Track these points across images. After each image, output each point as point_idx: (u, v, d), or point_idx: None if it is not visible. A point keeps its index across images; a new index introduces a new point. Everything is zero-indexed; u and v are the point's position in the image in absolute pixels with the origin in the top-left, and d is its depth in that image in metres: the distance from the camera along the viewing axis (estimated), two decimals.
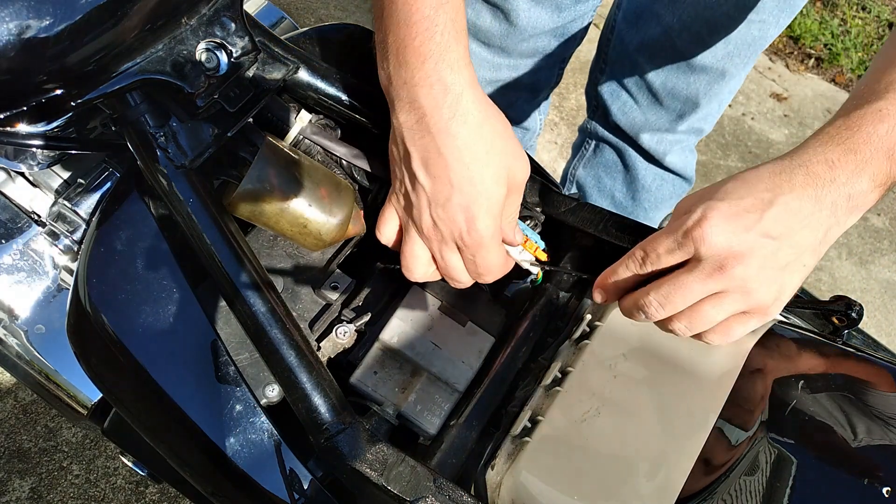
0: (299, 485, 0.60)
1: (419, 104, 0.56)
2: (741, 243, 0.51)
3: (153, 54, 0.54)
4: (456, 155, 0.56)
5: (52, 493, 1.39)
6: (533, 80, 1.30)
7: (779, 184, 0.52)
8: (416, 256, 0.63)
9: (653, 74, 1.19)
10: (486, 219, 0.58)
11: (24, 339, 0.79)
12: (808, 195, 0.52)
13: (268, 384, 0.61)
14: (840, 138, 0.52)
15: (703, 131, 1.32)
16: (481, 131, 0.57)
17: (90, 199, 0.73)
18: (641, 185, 1.37)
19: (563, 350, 0.67)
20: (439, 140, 0.56)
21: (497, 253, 0.61)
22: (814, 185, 0.52)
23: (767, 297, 0.53)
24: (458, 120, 0.56)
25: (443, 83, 0.55)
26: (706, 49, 1.10)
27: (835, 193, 0.52)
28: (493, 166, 0.57)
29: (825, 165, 0.52)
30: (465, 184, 0.57)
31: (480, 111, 0.57)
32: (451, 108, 0.56)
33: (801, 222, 0.52)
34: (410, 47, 0.55)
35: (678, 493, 0.54)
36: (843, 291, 2.06)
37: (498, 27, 1.17)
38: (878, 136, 0.51)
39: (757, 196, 0.52)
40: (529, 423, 0.61)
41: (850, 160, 0.52)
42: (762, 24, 1.07)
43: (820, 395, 0.59)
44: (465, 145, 0.56)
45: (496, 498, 0.59)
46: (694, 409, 0.58)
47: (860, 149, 0.52)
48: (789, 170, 0.53)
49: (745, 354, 0.60)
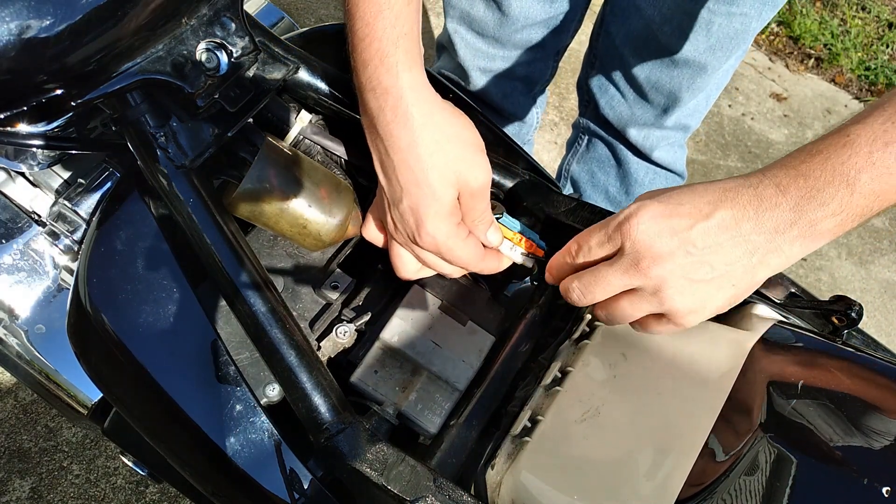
0: (299, 484, 0.60)
1: (367, 108, 0.59)
2: (662, 246, 0.52)
3: (153, 54, 0.54)
4: (400, 157, 0.58)
5: (53, 492, 1.39)
6: (527, 71, 1.31)
7: (723, 199, 0.52)
8: (399, 255, 0.65)
9: (637, 68, 1.20)
10: (435, 221, 0.59)
11: (25, 339, 0.79)
12: (749, 215, 0.51)
13: (268, 384, 0.61)
14: (797, 161, 0.51)
15: (690, 127, 1.32)
16: (423, 134, 0.57)
17: (90, 199, 0.73)
18: (634, 180, 1.38)
19: (563, 350, 0.67)
20: (386, 142, 0.58)
21: (464, 249, 0.62)
22: (756, 207, 0.51)
23: (682, 305, 0.53)
24: (398, 123, 0.57)
25: (383, 87, 0.57)
26: (688, 42, 1.11)
27: (778, 218, 0.51)
28: (437, 169, 0.58)
29: (774, 188, 0.51)
30: (411, 186, 0.58)
31: (423, 115, 0.57)
32: (392, 111, 0.57)
33: (732, 240, 0.51)
34: (356, 52, 0.58)
35: (678, 493, 0.54)
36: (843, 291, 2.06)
37: (491, 17, 1.18)
38: (837, 161, 0.49)
39: (696, 205, 0.52)
40: (529, 423, 0.61)
41: (799, 185, 0.50)
42: (744, 17, 1.07)
43: (820, 394, 0.59)
44: (408, 147, 0.57)
45: (496, 498, 0.59)
46: (694, 409, 0.58)
47: (813, 174, 0.50)
48: (739, 188, 0.52)
49: (745, 354, 0.60)
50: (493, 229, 0.65)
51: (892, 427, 0.57)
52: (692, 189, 0.54)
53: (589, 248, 0.56)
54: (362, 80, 0.58)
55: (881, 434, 0.57)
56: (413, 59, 0.57)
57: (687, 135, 1.35)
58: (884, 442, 0.56)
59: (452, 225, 0.61)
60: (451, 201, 0.60)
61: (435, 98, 0.59)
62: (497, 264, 0.67)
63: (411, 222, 0.60)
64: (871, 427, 0.57)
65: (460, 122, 0.60)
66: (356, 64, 0.58)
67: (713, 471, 0.56)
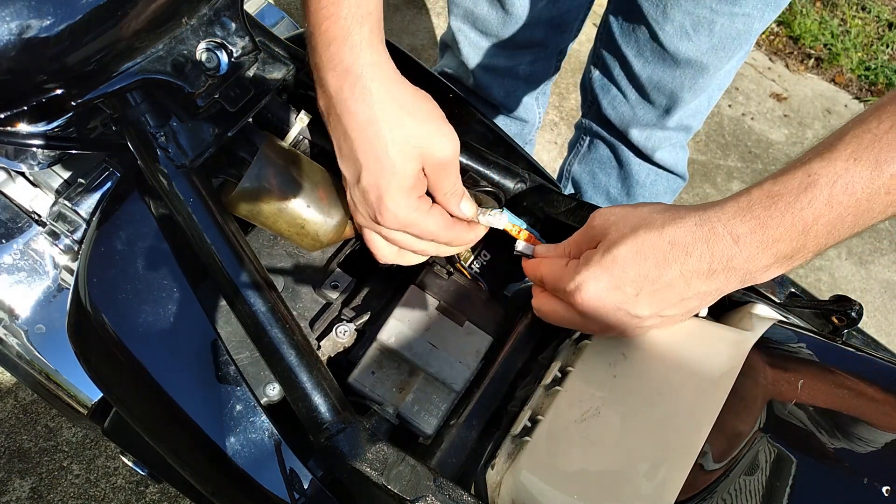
0: (299, 484, 0.60)
1: (326, 87, 0.58)
2: (608, 317, 0.57)
3: (153, 54, 0.54)
4: (359, 133, 0.58)
5: (53, 492, 1.39)
6: (530, 70, 1.31)
7: (670, 259, 0.53)
8: (371, 240, 0.65)
9: (639, 68, 1.20)
10: (396, 196, 0.59)
11: (25, 339, 0.79)
12: (701, 271, 0.53)
13: (268, 383, 0.61)
14: (757, 209, 0.50)
15: (692, 129, 1.32)
16: (383, 109, 0.57)
17: (90, 198, 0.73)
18: (635, 181, 1.38)
19: (563, 350, 0.67)
20: (344, 120, 0.58)
21: (428, 222, 0.61)
22: (709, 261, 0.52)
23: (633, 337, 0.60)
24: (356, 99, 0.57)
25: (343, 65, 0.57)
26: (690, 42, 1.11)
27: (730, 270, 0.52)
28: (398, 144, 0.58)
29: (729, 240, 0.51)
30: (370, 162, 0.58)
31: (383, 90, 0.57)
32: (350, 88, 0.57)
33: (680, 296, 0.55)
34: (318, 32, 0.57)
35: (678, 493, 0.54)
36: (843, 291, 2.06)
37: (495, 16, 1.19)
38: (797, 208, 0.49)
39: (642, 271, 0.54)
40: (529, 423, 0.61)
41: (756, 237, 0.50)
42: (746, 17, 1.07)
43: (819, 394, 0.59)
44: (368, 122, 0.57)
45: (496, 498, 0.59)
46: (693, 409, 0.58)
47: (772, 223, 0.50)
48: (689, 243, 0.52)
49: (745, 354, 0.60)
50: (465, 201, 0.65)
51: (892, 427, 0.57)
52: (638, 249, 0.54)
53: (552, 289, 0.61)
54: (323, 59, 0.57)
55: (881, 434, 0.57)
56: (375, 37, 0.58)
57: (689, 136, 1.35)
58: (884, 442, 0.56)
59: (413, 198, 0.60)
60: (412, 175, 0.59)
61: (395, 74, 0.59)
62: (471, 235, 0.66)
63: (372, 199, 0.59)
64: (871, 427, 0.57)
65: (420, 95, 0.60)
66: (316, 42, 0.58)
67: (713, 471, 0.56)
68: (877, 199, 0.48)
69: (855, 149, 0.48)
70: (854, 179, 0.48)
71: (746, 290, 0.69)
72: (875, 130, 0.48)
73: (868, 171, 0.48)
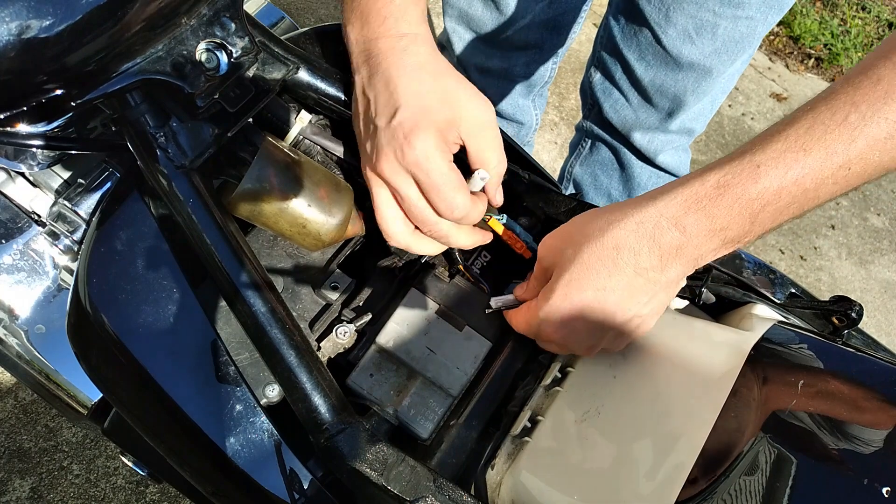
0: (299, 485, 0.60)
1: (376, 52, 0.62)
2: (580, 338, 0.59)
3: (153, 54, 0.54)
4: (405, 77, 0.60)
5: (53, 492, 1.39)
6: (526, 72, 1.30)
7: (620, 265, 0.54)
8: (383, 213, 0.64)
9: (642, 71, 1.19)
10: (427, 132, 0.59)
11: (25, 339, 0.79)
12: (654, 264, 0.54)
13: (268, 384, 0.61)
14: (705, 200, 0.51)
15: (695, 131, 1.32)
16: (429, 64, 0.61)
17: (90, 199, 0.73)
18: (637, 184, 1.38)
19: None
20: (391, 71, 0.61)
21: (449, 177, 0.60)
22: (659, 253, 0.53)
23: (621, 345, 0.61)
24: (408, 54, 0.61)
25: (399, 33, 0.61)
26: (693, 45, 1.10)
27: (681, 258, 0.53)
28: (437, 91, 0.60)
29: (676, 231, 0.52)
30: (409, 98, 0.60)
31: (430, 52, 0.62)
32: (403, 47, 0.61)
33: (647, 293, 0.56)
34: (373, 11, 0.62)
35: (678, 493, 0.54)
36: (843, 291, 2.06)
37: (489, 16, 1.18)
38: (746, 199, 0.50)
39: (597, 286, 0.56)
40: (529, 423, 0.61)
41: (704, 227, 0.51)
42: (749, 20, 1.07)
43: (819, 395, 0.59)
44: (413, 69, 0.60)
45: (496, 498, 0.59)
46: (694, 409, 0.58)
47: (720, 215, 0.50)
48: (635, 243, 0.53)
49: (745, 355, 0.60)
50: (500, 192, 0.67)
51: (892, 427, 0.57)
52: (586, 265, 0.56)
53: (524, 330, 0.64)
54: (378, 31, 0.62)
55: (881, 434, 0.57)
56: (425, 17, 0.64)
57: (691, 139, 1.35)
58: (884, 442, 0.56)
59: (440, 141, 0.60)
60: (445, 119, 0.60)
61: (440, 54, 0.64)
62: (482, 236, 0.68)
63: (400, 134, 0.59)
64: (870, 427, 0.57)
65: (459, 74, 0.64)
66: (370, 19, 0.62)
67: (713, 471, 0.56)
68: (824, 188, 0.49)
69: (806, 140, 0.48)
70: (803, 171, 0.48)
71: (746, 290, 0.69)
72: (827, 122, 0.48)
73: (818, 162, 0.48)
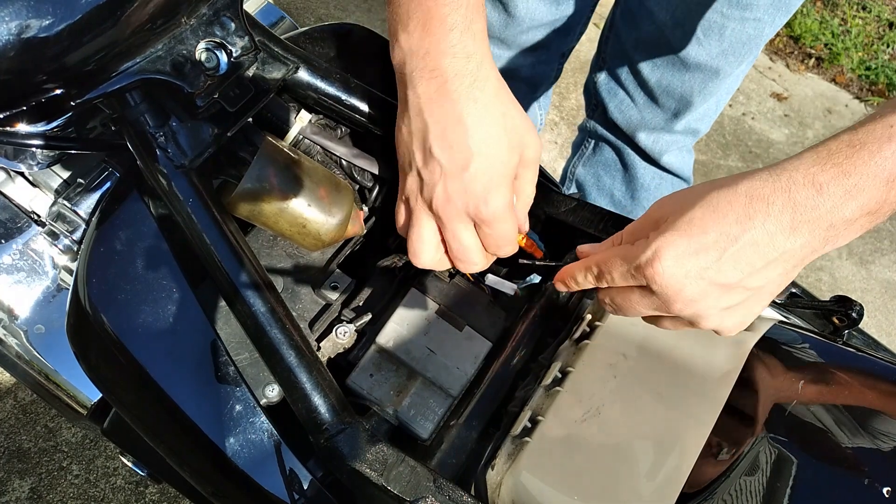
0: (299, 485, 0.60)
1: (441, 71, 0.57)
2: (693, 289, 0.50)
3: (153, 54, 0.54)
4: (475, 119, 0.57)
5: (52, 493, 1.39)
6: (532, 73, 1.30)
7: (751, 214, 0.48)
8: (423, 240, 0.61)
9: (648, 72, 1.19)
10: (503, 186, 0.58)
11: (24, 339, 0.79)
12: (784, 225, 0.48)
13: (268, 384, 0.61)
14: (838, 157, 0.47)
15: (700, 132, 1.32)
16: (499, 98, 0.58)
17: (90, 198, 0.73)
18: (640, 184, 1.37)
19: (563, 350, 0.67)
20: (461, 105, 0.57)
21: (513, 225, 0.59)
22: (792, 213, 0.48)
23: (720, 327, 0.52)
24: (478, 86, 0.57)
25: (466, 51, 0.57)
26: (700, 46, 1.10)
27: (814, 222, 0.47)
28: (508, 133, 0.58)
29: (812, 189, 0.47)
30: (483, 148, 0.57)
31: (497, 79, 0.58)
32: (472, 74, 0.57)
33: (766, 258, 0.49)
34: (437, 17, 0.57)
35: (678, 493, 0.54)
36: (844, 291, 2.05)
37: (497, 18, 1.18)
38: (881, 157, 0.46)
39: (723, 230, 0.49)
40: (529, 423, 0.61)
41: (840, 185, 0.46)
42: (757, 22, 1.07)
43: (820, 395, 0.59)
44: (486, 109, 0.57)
45: (496, 498, 0.58)
46: (694, 410, 0.58)
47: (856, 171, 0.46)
48: (769, 194, 0.48)
49: (746, 355, 0.60)
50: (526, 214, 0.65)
51: (892, 427, 0.57)
52: (713, 208, 0.49)
53: (612, 278, 0.54)
54: (441, 46, 0.57)
55: (881, 434, 0.57)
56: (486, 28, 0.59)
57: (696, 139, 1.35)
58: (884, 442, 0.56)
59: (512, 194, 0.59)
60: (515, 167, 0.59)
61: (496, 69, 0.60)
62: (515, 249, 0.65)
63: (478, 188, 0.57)
64: (871, 427, 0.57)
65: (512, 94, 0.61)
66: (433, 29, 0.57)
67: (714, 471, 0.56)
68: None
69: None
70: None
71: None
72: None
73: None
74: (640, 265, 0.51)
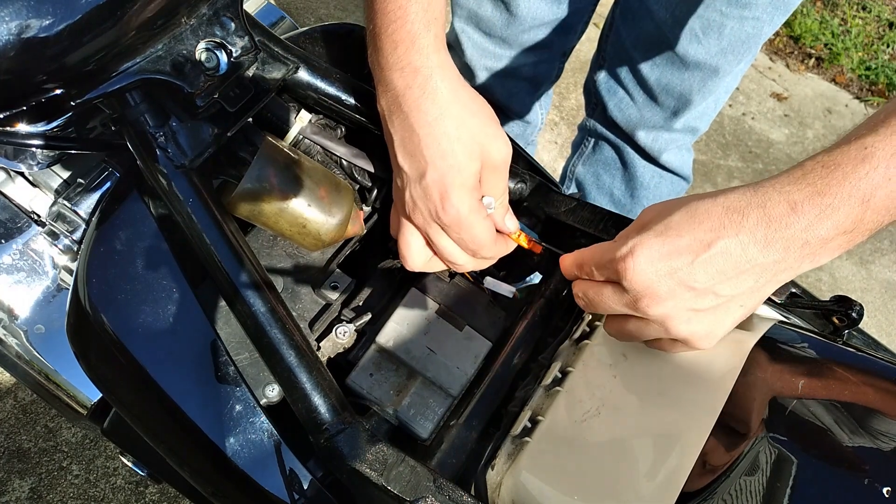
0: (299, 485, 0.60)
1: (393, 86, 0.60)
2: (661, 287, 0.51)
3: (153, 54, 0.54)
4: (427, 130, 0.59)
5: (52, 493, 1.39)
6: (533, 72, 1.31)
7: (726, 224, 0.50)
8: (409, 244, 0.64)
9: (647, 70, 1.20)
10: (460, 192, 0.59)
11: (24, 339, 0.79)
12: (757, 238, 0.49)
13: (267, 384, 0.61)
14: (812, 177, 0.48)
15: (699, 130, 1.32)
16: (451, 108, 0.59)
17: (90, 198, 0.73)
18: (640, 183, 1.38)
19: (563, 350, 0.67)
20: (412, 118, 0.59)
21: (483, 227, 0.61)
22: (766, 227, 0.49)
23: (689, 333, 0.54)
24: (427, 98, 0.59)
25: (413, 66, 0.59)
26: (699, 45, 1.11)
27: (789, 239, 0.48)
28: (463, 141, 0.59)
29: (786, 207, 0.48)
30: (437, 159, 0.59)
31: (450, 90, 0.59)
32: (420, 87, 0.59)
33: (738, 268, 0.50)
34: (384, 34, 0.59)
35: (678, 493, 0.54)
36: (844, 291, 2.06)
37: (499, 17, 1.19)
38: (855, 178, 0.47)
39: (696, 236, 0.50)
40: (529, 423, 0.61)
41: (814, 204, 0.47)
42: (756, 21, 1.07)
43: (820, 395, 0.59)
44: (436, 121, 0.59)
45: (496, 498, 0.58)
46: (694, 409, 0.58)
47: (830, 191, 0.47)
48: (745, 207, 0.50)
49: (746, 354, 0.60)
50: (509, 215, 0.66)
51: (892, 427, 0.57)
52: (692, 214, 0.51)
53: (591, 271, 0.57)
54: (390, 61, 0.59)
55: (881, 434, 0.57)
56: (441, 41, 0.60)
57: (695, 138, 1.35)
58: (884, 442, 0.56)
59: (475, 198, 0.61)
60: (475, 174, 0.61)
61: (459, 77, 0.61)
62: (504, 249, 0.67)
63: (435, 196, 0.60)
64: (871, 427, 0.57)
65: (479, 98, 0.63)
66: (382, 45, 0.59)
67: (714, 471, 0.56)
68: None
69: None
70: None
71: None
72: None
73: None
74: (614, 259, 0.53)
